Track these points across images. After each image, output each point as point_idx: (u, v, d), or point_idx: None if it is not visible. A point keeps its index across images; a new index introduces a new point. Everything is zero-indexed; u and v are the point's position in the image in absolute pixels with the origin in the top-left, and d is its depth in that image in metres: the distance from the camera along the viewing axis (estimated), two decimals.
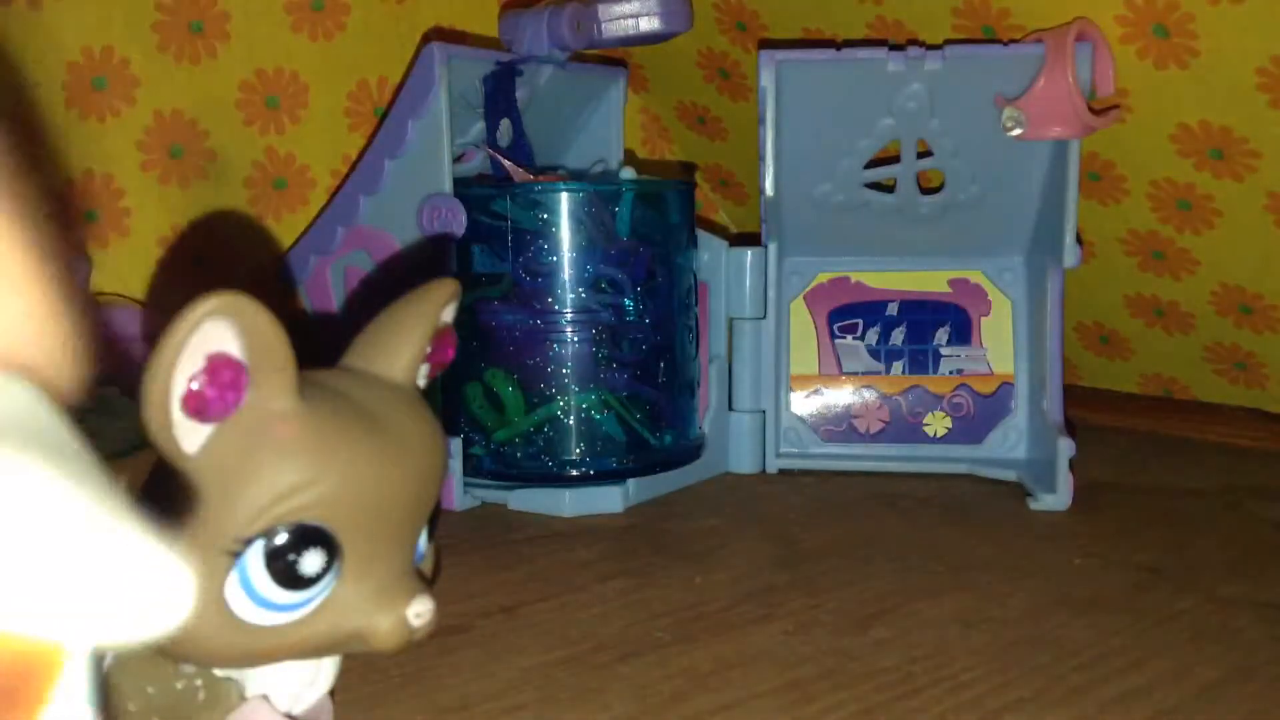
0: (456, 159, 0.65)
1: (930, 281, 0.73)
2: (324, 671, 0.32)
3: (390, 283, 0.64)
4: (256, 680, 0.31)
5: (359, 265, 0.66)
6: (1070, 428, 0.64)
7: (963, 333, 0.72)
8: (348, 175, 0.69)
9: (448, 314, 0.33)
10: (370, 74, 0.76)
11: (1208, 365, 0.77)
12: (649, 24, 0.65)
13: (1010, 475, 0.68)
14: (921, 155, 0.69)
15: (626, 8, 0.65)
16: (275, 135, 0.73)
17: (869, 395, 0.73)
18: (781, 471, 0.71)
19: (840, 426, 0.73)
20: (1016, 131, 0.65)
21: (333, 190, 0.74)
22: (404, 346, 0.31)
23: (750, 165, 0.77)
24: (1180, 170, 0.67)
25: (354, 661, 0.43)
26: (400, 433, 0.29)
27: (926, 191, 0.70)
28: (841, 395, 0.73)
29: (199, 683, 0.30)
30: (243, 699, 0.31)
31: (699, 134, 0.89)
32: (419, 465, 0.29)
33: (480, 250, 0.63)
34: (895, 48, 0.66)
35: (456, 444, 0.62)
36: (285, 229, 0.74)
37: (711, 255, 0.71)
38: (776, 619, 0.48)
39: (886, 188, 0.71)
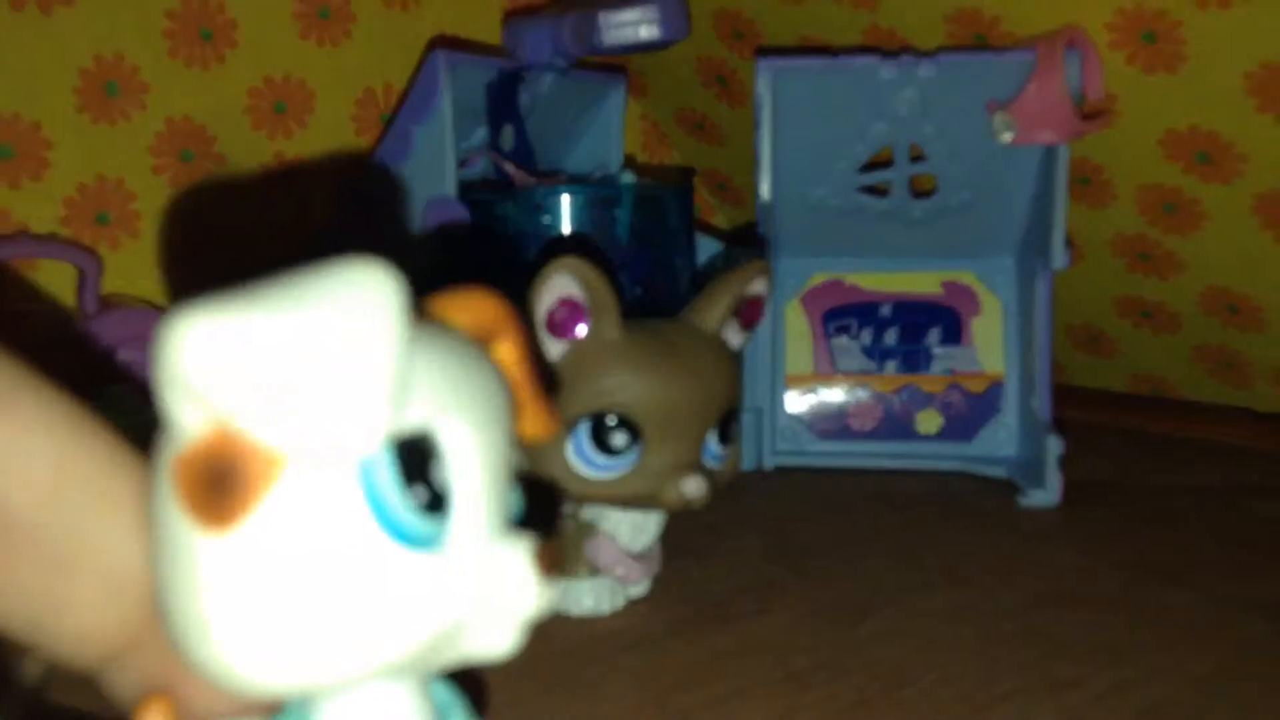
0: (460, 163, 0.67)
1: (922, 283, 0.74)
2: (649, 525, 0.47)
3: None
4: (606, 522, 0.45)
5: None
6: (1059, 426, 0.65)
7: (954, 333, 0.73)
8: None
9: (756, 287, 0.45)
10: (376, 80, 0.77)
11: (1195, 365, 0.78)
12: (648, 32, 0.66)
13: (1000, 472, 0.69)
14: (914, 160, 0.70)
15: (627, 16, 0.66)
16: (284, 140, 0.75)
17: (863, 394, 0.74)
18: (777, 468, 0.72)
19: (835, 424, 0.74)
20: (1007, 136, 0.66)
21: None
22: (714, 307, 0.44)
23: (748, 170, 0.78)
24: (1168, 174, 0.68)
25: None
26: (693, 362, 0.42)
27: (919, 195, 0.71)
28: (836, 394, 0.74)
29: (571, 520, 0.46)
30: (597, 534, 0.46)
31: (698, 139, 0.90)
32: (704, 385, 0.42)
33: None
34: (889, 55, 0.67)
35: None
36: None
37: (709, 258, 0.72)
38: (773, 612, 0.49)
39: (880, 192, 0.72)
